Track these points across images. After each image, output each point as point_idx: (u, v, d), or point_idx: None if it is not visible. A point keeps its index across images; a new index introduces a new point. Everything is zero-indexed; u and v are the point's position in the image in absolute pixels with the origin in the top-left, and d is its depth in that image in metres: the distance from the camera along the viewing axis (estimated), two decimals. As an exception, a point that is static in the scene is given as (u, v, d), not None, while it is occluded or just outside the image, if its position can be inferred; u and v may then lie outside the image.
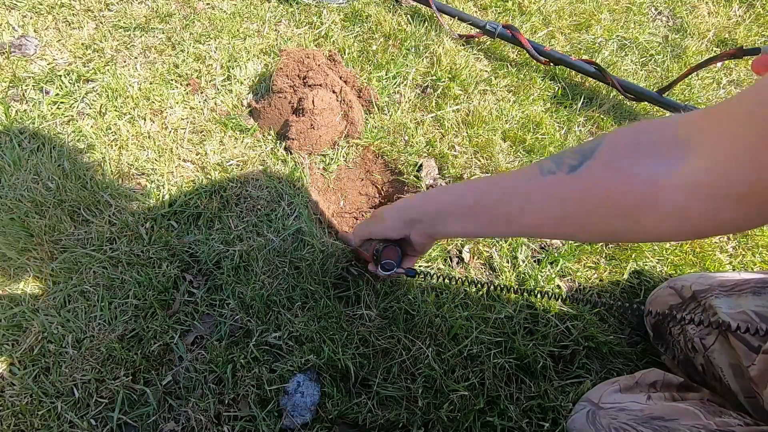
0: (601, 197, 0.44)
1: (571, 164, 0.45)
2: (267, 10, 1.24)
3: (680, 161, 0.38)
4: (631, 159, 0.41)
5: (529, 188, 0.50)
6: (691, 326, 0.70)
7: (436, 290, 0.84)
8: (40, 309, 0.77)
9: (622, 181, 0.42)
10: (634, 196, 0.41)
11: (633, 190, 0.41)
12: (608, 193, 0.43)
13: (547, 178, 0.48)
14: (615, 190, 0.42)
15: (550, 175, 0.47)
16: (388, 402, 0.73)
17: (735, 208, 0.36)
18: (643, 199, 0.40)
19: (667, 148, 0.39)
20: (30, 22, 1.13)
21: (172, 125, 1.00)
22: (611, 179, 0.43)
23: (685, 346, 0.71)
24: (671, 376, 0.67)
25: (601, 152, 0.44)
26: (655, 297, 0.80)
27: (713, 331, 0.66)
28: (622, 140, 0.43)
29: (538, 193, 0.49)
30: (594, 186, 0.44)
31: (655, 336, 0.79)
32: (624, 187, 0.41)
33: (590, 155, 0.44)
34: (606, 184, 0.43)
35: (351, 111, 1.00)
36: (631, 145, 0.42)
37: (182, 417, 0.70)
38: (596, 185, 0.44)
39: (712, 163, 0.36)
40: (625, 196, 0.42)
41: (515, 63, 1.23)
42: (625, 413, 0.60)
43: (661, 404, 0.61)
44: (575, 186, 0.45)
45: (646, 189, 0.40)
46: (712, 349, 0.66)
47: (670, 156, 0.39)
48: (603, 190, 0.43)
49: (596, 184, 0.44)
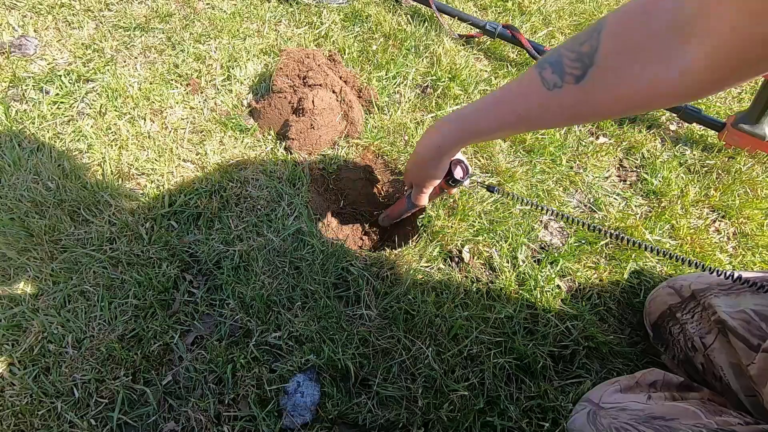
0: (609, 100, 0.47)
1: (575, 74, 0.47)
2: (267, 10, 1.24)
3: (681, 49, 0.39)
4: (632, 59, 0.43)
5: (541, 102, 0.52)
6: (691, 325, 0.70)
7: (436, 290, 0.84)
8: (40, 309, 0.77)
9: (628, 85, 0.44)
10: (641, 95, 0.44)
11: (639, 92, 0.44)
12: (615, 96, 0.46)
13: (554, 92, 0.49)
14: (622, 94, 0.45)
15: (556, 89, 0.49)
16: (388, 402, 0.73)
17: (735, 77, 0.38)
18: (648, 95, 0.44)
19: (668, 38, 0.40)
20: (30, 22, 1.13)
21: (172, 125, 1.00)
22: (615, 85, 0.45)
23: (685, 346, 0.71)
24: (671, 376, 0.67)
25: (602, 57, 0.45)
26: (654, 297, 0.80)
27: (713, 330, 0.66)
28: (620, 37, 0.44)
29: (550, 108, 0.51)
30: (600, 92, 0.47)
31: (654, 336, 0.79)
32: (629, 90, 0.44)
33: (591, 61, 0.45)
34: (611, 90, 0.46)
35: (351, 111, 1.00)
36: (630, 43, 0.43)
37: (182, 417, 0.70)
38: (602, 91, 0.46)
39: (710, 47, 0.37)
40: (632, 97, 0.45)
41: (515, 63, 1.23)
42: (625, 413, 0.60)
43: (661, 404, 0.61)
44: (583, 96, 0.48)
45: (652, 89, 0.43)
46: (712, 348, 0.66)
47: (671, 48, 0.40)
48: (611, 96, 0.46)
49: (602, 90, 0.46)
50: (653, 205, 1.01)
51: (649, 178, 1.05)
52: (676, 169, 1.07)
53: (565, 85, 0.48)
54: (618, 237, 0.65)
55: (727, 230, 0.99)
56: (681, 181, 1.05)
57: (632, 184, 1.06)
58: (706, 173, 1.07)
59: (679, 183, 1.04)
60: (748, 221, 1.00)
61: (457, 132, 0.63)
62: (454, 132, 0.63)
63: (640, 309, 0.85)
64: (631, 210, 1.00)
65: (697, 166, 1.08)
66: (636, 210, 1.00)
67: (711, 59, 0.37)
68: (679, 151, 1.11)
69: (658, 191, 1.03)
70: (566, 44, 0.48)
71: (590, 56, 0.45)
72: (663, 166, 1.07)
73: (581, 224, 0.70)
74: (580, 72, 0.46)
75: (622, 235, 0.66)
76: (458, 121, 0.63)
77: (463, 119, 0.62)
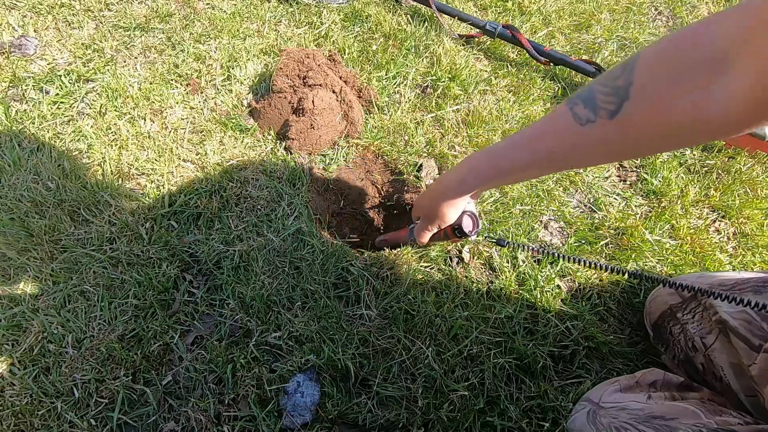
0: (645, 134, 0.44)
1: (609, 109, 0.45)
2: (267, 10, 1.24)
3: (721, 80, 0.37)
4: (670, 90, 0.40)
5: (573, 139, 0.49)
6: (691, 325, 0.70)
7: (436, 290, 0.84)
8: (40, 309, 0.77)
9: (664, 113, 0.41)
10: (679, 126, 0.42)
11: (678, 122, 0.41)
12: (652, 128, 0.43)
13: (587, 127, 0.47)
14: (659, 126, 0.43)
15: (589, 123, 0.47)
16: (388, 402, 0.73)
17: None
18: (687, 125, 0.41)
19: (706, 69, 0.38)
20: (30, 22, 1.13)
21: (172, 125, 1.00)
22: (653, 117, 0.42)
23: (685, 345, 0.71)
24: (671, 376, 0.67)
25: (637, 89, 0.42)
26: (654, 297, 0.80)
27: (714, 330, 0.66)
28: (656, 68, 0.42)
29: (582, 144, 0.49)
30: (637, 126, 0.44)
31: (655, 336, 0.79)
32: (667, 119, 0.42)
33: (626, 95, 0.43)
34: (649, 123, 0.43)
35: (351, 111, 1.00)
36: (667, 74, 0.41)
37: (182, 417, 0.70)
38: (639, 125, 0.44)
39: (754, 77, 0.35)
40: (669, 129, 0.42)
41: (515, 63, 1.23)
42: (625, 413, 0.60)
43: (661, 403, 0.61)
44: (618, 130, 0.45)
45: (691, 118, 0.40)
46: (713, 348, 0.66)
47: (710, 78, 0.38)
48: (646, 129, 0.44)
49: (639, 124, 0.44)
50: (653, 205, 1.02)
51: (649, 178, 1.05)
52: (676, 169, 1.07)
53: (598, 119, 0.45)
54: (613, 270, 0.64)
55: (727, 230, 0.99)
56: (681, 181, 1.05)
57: (632, 184, 1.06)
58: (706, 173, 1.07)
59: (679, 183, 1.04)
60: (748, 221, 1.00)
61: (486, 168, 0.59)
62: (484, 167, 0.60)
63: (640, 309, 0.85)
64: (631, 210, 1.00)
65: (697, 166, 1.08)
66: (636, 210, 1.00)
67: (755, 86, 0.35)
68: (679, 151, 1.11)
69: (658, 191, 1.03)
70: (599, 80, 0.46)
71: (625, 89, 0.43)
72: (663, 166, 1.07)
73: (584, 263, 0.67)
74: (614, 107, 0.44)
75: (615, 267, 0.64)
76: (488, 156, 0.59)
77: (493, 154, 0.59)
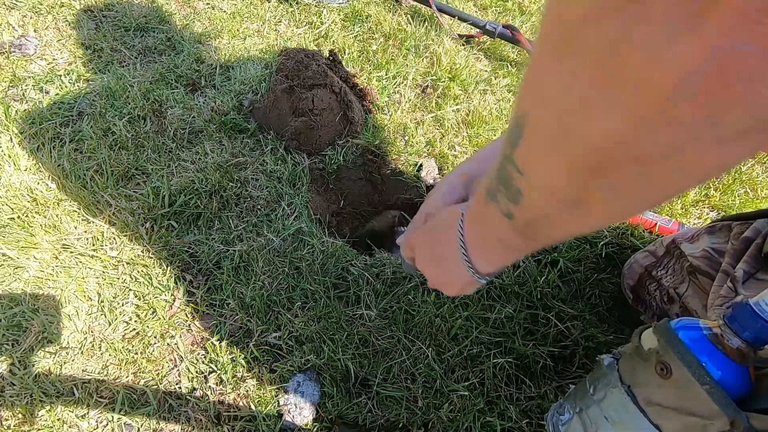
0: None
1: None
2: (267, 10, 1.24)
3: None
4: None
5: None
6: (665, 279, 0.75)
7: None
8: (40, 309, 0.77)
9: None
10: None
11: None
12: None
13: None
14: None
15: None
16: (388, 402, 0.73)
17: None
18: None
19: None
20: (30, 22, 1.13)
21: (172, 125, 1.00)
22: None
23: (661, 300, 0.76)
24: None
25: None
26: (631, 263, 0.83)
27: (686, 280, 0.72)
28: None
29: None
30: None
31: (633, 298, 0.83)
32: None
33: None
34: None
35: (351, 111, 1.00)
36: None
37: (182, 417, 0.70)
38: None
39: None
40: None
41: (515, 63, 1.23)
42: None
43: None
44: None
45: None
46: (686, 296, 0.71)
47: None
48: None
49: None
50: (653, 205, 1.01)
51: (649, 178, 1.05)
52: (676, 169, 1.07)
53: None
54: None
55: (727, 230, 0.99)
56: (681, 181, 1.05)
57: (632, 184, 1.06)
58: (706, 173, 1.07)
59: (679, 183, 1.04)
60: (748, 221, 1.00)
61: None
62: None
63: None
64: (631, 210, 1.00)
65: (697, 166, 1.08)
66: (636, 210, 1.00)
67: None
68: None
69: (658, 191, 1.03)
70: None
71: None
72: (663, 166, 1.07)
73: None
74: None
75: None
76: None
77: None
